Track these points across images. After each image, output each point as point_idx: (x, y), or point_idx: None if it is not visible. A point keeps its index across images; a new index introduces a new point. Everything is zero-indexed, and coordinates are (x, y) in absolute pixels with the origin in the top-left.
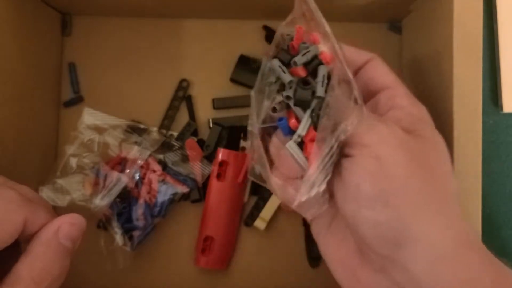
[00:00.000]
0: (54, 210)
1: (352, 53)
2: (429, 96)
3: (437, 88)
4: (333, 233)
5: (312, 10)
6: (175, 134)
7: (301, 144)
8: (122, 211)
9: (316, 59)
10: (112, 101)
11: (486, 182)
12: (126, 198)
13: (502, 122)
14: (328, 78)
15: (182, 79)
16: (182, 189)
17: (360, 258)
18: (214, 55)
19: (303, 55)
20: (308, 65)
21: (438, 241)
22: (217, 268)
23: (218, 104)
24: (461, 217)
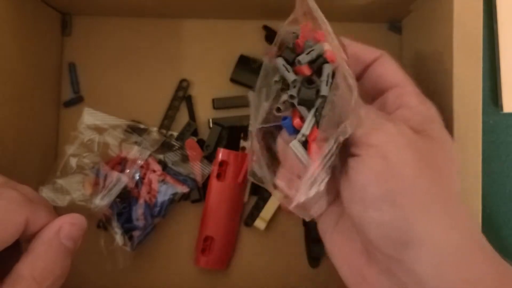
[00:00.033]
0: (54, 210)
1: (360, 50)
2: (429, 96)
3: (437, 88)
4: (339, 232)
5: (312, 10)
6: (175, 134)
7: (305, 143)
8: (122, 211)
9: (320, 58)
10: (112, 101)
11: (486, 182)
12: (126, 198)
13: (502, 122)
14: (332, 77)
15: (182, 79)
16: (182, 189)
17: (366, 257)
18: (214, 55)
19: (307, 54)
20: (313, 63)
21: (444, 241)
22: (217, 268)
23: (218, 104)
24: (467, 216)
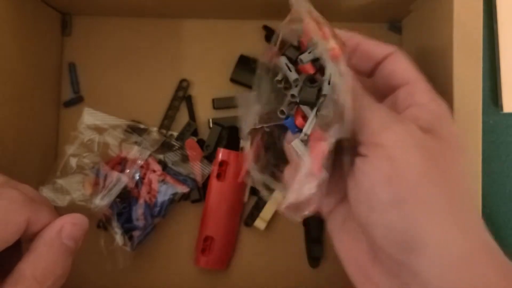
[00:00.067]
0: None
1: (372, 46)
2: None
3: (437, 88)
4: (346, 231)
5: (309, 11)
6: (175, 134)
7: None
8: (122, 211)
9: (323, 56)
10: (112, 101)
11: (486, 182)
12: (126, 198)
13: (502, 122)
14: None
15: (182, 79)
16: (182, 189)
17: (372, 257)
18: (214, 55)
19: (310, 52)
20: (316, 62)
21: (449, 246)
22: (217, 268)
23: (218, 104)
24: (475, 219)
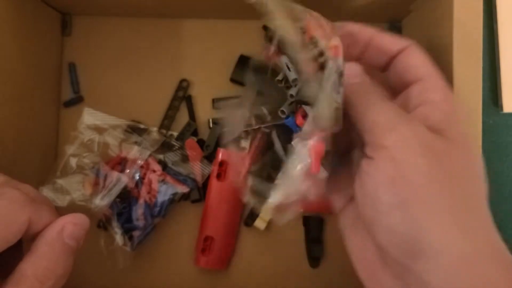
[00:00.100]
0: None
1: (386, 40)
2: None
3: None
4: (355, 231)
5: (308, 11)
6: (175, 134)
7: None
8: (122, 211)
9: (324, 55)
10: (112, 101)
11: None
12: (126, 198)
13: (502, 122)
14: (340, 76)
15: (182, 79)
16: (182, 189)
17: (380, 259)
18: (214, 55)
19: (310, 51)
20: (321, 57)
21: (456, 252)
22: (217, 268)
23: (218, 104)
24: (485, 223)
